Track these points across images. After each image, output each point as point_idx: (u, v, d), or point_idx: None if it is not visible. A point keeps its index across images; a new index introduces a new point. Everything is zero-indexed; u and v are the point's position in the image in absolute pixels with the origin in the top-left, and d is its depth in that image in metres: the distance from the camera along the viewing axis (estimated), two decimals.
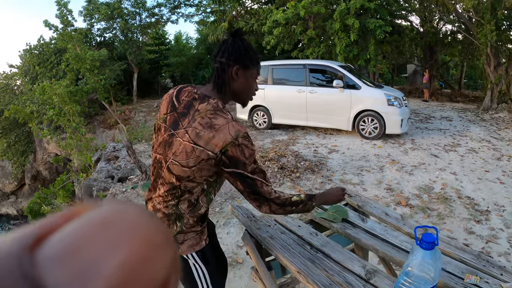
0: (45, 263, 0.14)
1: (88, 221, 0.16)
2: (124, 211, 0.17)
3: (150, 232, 0.17)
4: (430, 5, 14.37)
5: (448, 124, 8.84)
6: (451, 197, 4.50)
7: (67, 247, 0.15)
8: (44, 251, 0.15)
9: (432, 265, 1.10)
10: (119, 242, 0.16)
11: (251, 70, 1.38)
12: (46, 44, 15.68)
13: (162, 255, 0.17)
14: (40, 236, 0.15)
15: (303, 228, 1.98)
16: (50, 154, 15.62)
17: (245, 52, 1.36)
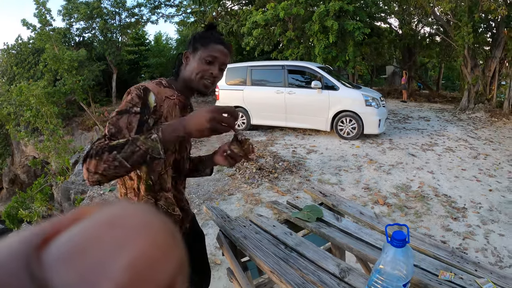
0: (52, 264, 0.14)
1: (96, 221, 0.17)
2: (131, 212, 0.18)
3: (158, 233, 0.18)
4: (409, 7, 14.61)
5: (425, 124, 9.03)
6: (428, 195, 4.58)
7: (74, 247, 0.15)
8: (51, 251, 0.15)
9: (404, 262, 1.12)
10: (126, 242, 0.16)
11: (200, 52, 1.29)
12: (24, 44, 15.37)
13: (169, 256, 0.17)
14: (47, 236, 0.16)
15: (277, 228, 2.00)
16: (28, 157, 15.27)
17: (199, 37, 1.32)
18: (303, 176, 5.34)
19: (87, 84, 13.36)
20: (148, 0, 16.61)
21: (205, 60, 1.28)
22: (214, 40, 1.30)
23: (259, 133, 8.28)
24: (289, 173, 5.43)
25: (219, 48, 1.30)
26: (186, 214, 1.51)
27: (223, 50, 1.31)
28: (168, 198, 1.34)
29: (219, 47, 1.30)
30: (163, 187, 1.32)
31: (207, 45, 1.29)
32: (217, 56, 1.29)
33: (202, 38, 1.31)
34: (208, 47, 1.28)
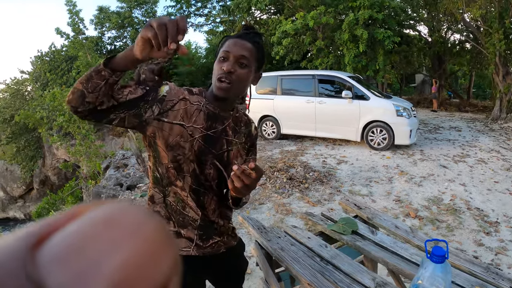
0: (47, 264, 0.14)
1: (90, 221, 0.16)
2: (126, 211, 0.18)
3: (152, 232, 0.18)
4: (438, 14, 14.39)
5: (457, 134, 8.80)
6: (460, 208, 4.47)
7: (69, 247, 0.15)
8: (46, 251, 0.15)
9: (442, 278, 1.09)
10: (120, 242, 0.16)
11: (218, 53, 1.20)
12: (57, 51, 15.92)
13: (164, 256, 0.17)
14: (42, 236, 0.16)
15: (312, 240, 1.99)
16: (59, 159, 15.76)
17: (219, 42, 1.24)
18: (334, 187, 5.30)
19: None
20: (178, 10, 16.87)
21: (218, 60, 1.18)
22: (231, 36, 1.21)
23: (289, 142, 8.28)
24: (319, 184, 5.39)
25: (232, 41, 1.18)
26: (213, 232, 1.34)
27: (237, 42, 1.17)
28: (177, 193, 1.24)
29: (234, 40, 1.18)
30: (172, 181, 1.23)
31: (224, 43, 1.20)
32: (229, 51, 1.16)
33: (222, 41, 1.23)
34: (224, 44, 1.19)
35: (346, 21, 10.06)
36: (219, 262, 1.39)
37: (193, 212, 1.26)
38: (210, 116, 1.22)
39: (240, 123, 1.34)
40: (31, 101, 15.41)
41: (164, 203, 1.25)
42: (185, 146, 1.18)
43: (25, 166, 16.33)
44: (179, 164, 1.20)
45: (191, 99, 1.20)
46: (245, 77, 1.18)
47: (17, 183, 17.87)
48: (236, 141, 1.31)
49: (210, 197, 1.29)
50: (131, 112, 1.09)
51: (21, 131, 15.90)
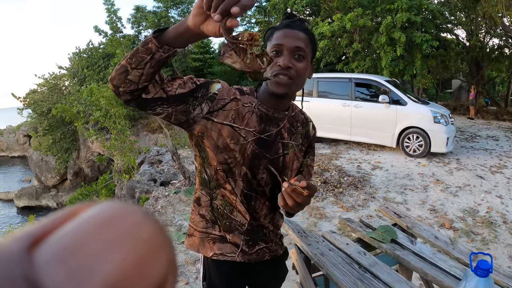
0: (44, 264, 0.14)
1: (86, 221, 0.17)
2: (122, 211, 0.18)
3: (148, 232, 0.18)
4: (477, 18, 13.94)
5: (494, 144, 8.52)
6: (496, 221, 4.34)
7: (66, 247, 0.15)
8: (43, 251, 0.15)
9: None
10: (117, 242, 0.16)
11: (267, 47, 1.10)
12: (95, 49, 16.39)
13: (160, 256, 0.18)
14: (38, 236, 0.16)
15: (351, 246, 1.99)
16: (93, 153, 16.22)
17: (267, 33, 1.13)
18: (368, 193, 5.25)
19: None
20: None
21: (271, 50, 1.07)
22: (278, 28, 1.09)
23: (323, 145, 8.25)
24: (354, 189, 5.35)
25: (282, 32, 1.06)
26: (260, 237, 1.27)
27: (288, 32, 1.06)
28: (225, 196, 1.16)
29: (283, 31, 1.06)
30: (220, 184, 1.15)
31: (272, 36, 1.08)
32: (281, 43, 1.04)
33: (268, 32, 1.11)
34: (272, 37, 1.08)
35: (383, 23, 9.89)
36: (262, 270, 1.33)
37: (241, 216, 1.19)
38: (263, 118, 1.13)
39: (296, 123, 1.23)
40: (68, 95, 15.87)
41: (210, 206, 1.19)
42: (235, 149, 1.10)
43: (60, 157, 16.86)
44: (230, 168, 1.12)
45: (242, 100, 1.12)
46: (304, 71, 1.08)
47: (52, 173, 18.49)
48: (293, 143, 1.21)
49: (262, 202, 1.21)
50: (178, 108, 1.02)
51: (58, 124, 16.40)
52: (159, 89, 0.96)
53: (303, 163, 1.29)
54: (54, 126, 16.49)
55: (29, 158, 21.43)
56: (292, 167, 1.23)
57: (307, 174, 1.34)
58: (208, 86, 1.07)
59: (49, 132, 16.49)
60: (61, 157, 16.85)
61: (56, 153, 16.79)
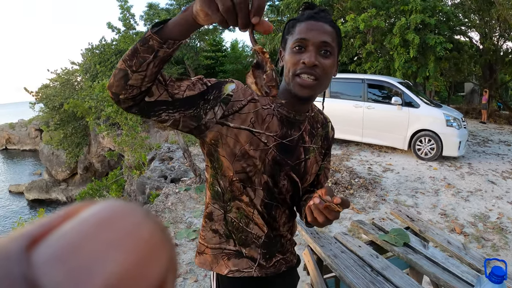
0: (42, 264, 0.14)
1: (86, 220, 0.17)
2: (122, 210, 0.18)
3: (148, 232, 0.18)
4: (491, 20, 13.77)
5: (506, 149, 8.41)
6: (507, 228, 4.29)
7: (64, 247, 0.15)
8: (41, 251, 0.15)
9: None
10: (117, 241, 0.16)
11: (288, 42, 0.97)
12: (108, 45, 16.47)
13: (160, 255, 0.18)
14: (37, 236, 0.16)
15: (363, 249, 1.99)
16: (104, 148, 16.37)
17: (287, 26, 1.01)
18: (379, 195, 5.22)
19: None
20: None
21: (293, 50, 0.95)
22: (300, 19, 0.97)
23: (334, 146, 8.16)
24: (364, 191, 5.33)
25: (306, 25, 0.94)
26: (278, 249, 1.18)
27: (313, 25, 0.94)
28: (241, 208, 1.07)
29: (307, 23, 0.94)
30: (236, 196, 1.05)
31: (294, 29, 0.96)
32: (306, 38, 0.92)
33: (289, 24, 1.00)
34: (295, 31, 0.96)
35: (397, 25, 9.84)
36: (278, 282, 1.23)
37: (257, 229, 1.09)
38: (284, 122, 1.04)
39: (316, 124, 1.14)
40: (80, 91, 15.99)
41: (224, 220, 1.09)
42: (255, 156, 1.00)
43: (71, 152, 17.00)
44: (248, 177, 1.02)
45: (261, 101, 1.02)
46: (330, 69, 0.96)
47: (62, 167, 18.71)
48: (314, 146, 1.12)
49: (282, 210, 1.13)
50: (187, 113, 0.91)
51: (69, 118, 16.56)
52: (163, 90, 0.88)
53: (321, 166, 1.20)
54: (66, 121, 16.65)
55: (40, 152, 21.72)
56: (312, 172, 1.14)
57: (324, 177, 1.25)
58: (221, 87, 0.97)
59: (61, 126, 16.65)
60: (71, 151, 17.00)
61: (67, 147, 16.93)
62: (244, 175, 1.01)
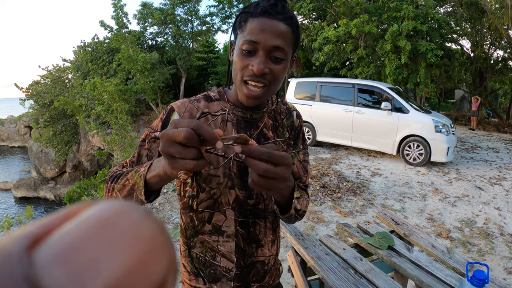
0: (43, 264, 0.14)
1: (87, 220, 0.17)
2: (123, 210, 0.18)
3: (149, 231, 0.18)
4: (482, 29, 13.97)
5: (494, 155, 8.51)
6: (493, 233, 4.34)
7: (66, 247, 0.15)
8: (42, 251, 0.15)
9: None
10: (118, 241, 0.16)
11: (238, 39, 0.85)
12: (100, 43, 16.37)
13: (161, 255, 0.18)
14: (38, 236, 0.16)
15: (347, 252, 2.00)
16: (93, 147, 16.24)
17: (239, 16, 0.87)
18: (367, 199, 5.24)
19: (157, 86, 14.02)
20: (220, 10, 17.11)
21: (242, 52, 0.82)
22: (254, 13, 0.81)
23: (323, 150, 8.25)
24: (352, 194, 5.35)
25: (260, 23, 0.80)
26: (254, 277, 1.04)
27: (269, 24, 0.80)
28: (204, 241, 0.96)
29: (260, 21, 0.80)
30: (198, 230, 0.96)
31: (245, 25, 0.82)
32: (256, 40, 0.79)
33: (241, 17, 0.85)
34: (246, 27, 0.81)
35: (389, 31, 9.92)
36: None
37: (226, 261, 0.98)
38: (241, 124, 0.95)
39: (280, 116, 1.05)
40: (71, 88, 15.90)
41: (189, 257, 1.00)
42: (218, 174, 0.90)
43: (60, 150, 16.88)
44: (215, 200, 0.92)
45: (211, 109, 0.93)
46: (282, 75, 0.85)
47: (51, 165, 18.51)
48: (279, 140, 1.02)
49: (263, 225, 1.00)
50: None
51: (59, 116, 16.43)
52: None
53: (292, 155, 1.07)
54: (56, 118, 16.52)
55: (29, 149, 21.47)
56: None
57: (303, 170, 1.11)
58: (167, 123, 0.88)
59: (50, 124, 16.52)
60: (61, 149, 16.87)
61: (56, 145, 16.80)
62: (211, 201, 0.92)
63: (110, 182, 0.84)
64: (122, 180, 0.79)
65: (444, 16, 12.33)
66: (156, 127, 0.91)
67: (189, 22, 17.30)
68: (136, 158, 0.91)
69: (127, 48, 12.32)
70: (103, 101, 10.66)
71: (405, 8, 9.95)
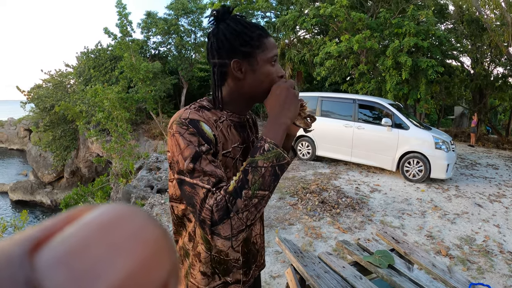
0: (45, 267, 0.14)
1: (89, 223, 0.17)
2: (125, 214, 0.18)
3: (151, 235, 0.18)
4: (483, 46, 14.10)
5: (494, 172, 8.53)
6: (493, 251, 4.31)
7: (68, 251, 0.15)
8: (44, 255, 0.15)
9: None
10: (120, 245, 0.16)
11: (259, 55, 0.99)
12: (103, 50, 16.46)
13: (163, 259, 0.18)
14: (40, 239, 0.16)
15: (347, 270, 1.99)
16: (92, 153, 16.25)
17: (243, 37, 0.98)
18: (366, 215, 5.22)
19: (158, 95, 14.05)
20: None
21: (271, 64, 1.01)
22: (262, 35, 1.00)
23: (322, 164, 8.24)
24: (351, 210, 5.33)
25: (271, 42, 1.01)
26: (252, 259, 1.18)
27: (273, 41, 1.02)
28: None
29: (270, 40, 1.01)
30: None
31: (261, 44, 0.99)
32: (276, 54, 1.03)
33: (248, 37, 0.98)
34: (264, 45, 0.99)
35: (390, 47, 9.98)
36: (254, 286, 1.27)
37: (234, 253, 1.09)
38: (238, 128, 1.06)
39: (249, 117, 1.19)
40: (72, 94, 15.95)
41: (210, 261, 1.06)
42: (233, 176, 0.96)
43: (59, 154, 16.90)
44: None
45: (218, 117, 1.02)
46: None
47: (48, 169, 18.52)
48: (253, 137, 1.16)
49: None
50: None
51: (59, 121, 16.49)
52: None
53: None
54: (56, 123, 16.58)
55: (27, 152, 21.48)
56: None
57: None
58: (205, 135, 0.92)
59: (50, 128, 16.56)
60: (59, 154, 16.88)
61: (55, 150, 16.83)
62: None
63: (239, 198, 0.82)
64: (255, 175, 0.83)
65: (445, 32, 12.45)
66: (196, 142, 0.90)
67: (192, 33, 17.47)
68: (215, 177, 0.87)
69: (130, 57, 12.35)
70: (104, 108, 10.67)
71: (406, 24, 10.03)
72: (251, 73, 0.99)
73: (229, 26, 0.98)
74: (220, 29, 0.98)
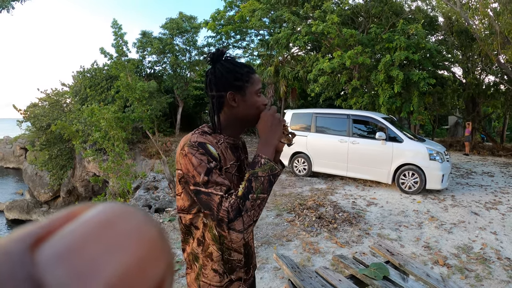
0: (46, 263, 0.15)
1: (88, 221, 0.17)
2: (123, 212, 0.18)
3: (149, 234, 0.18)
4: (473, 56, 14.32)
5: (489, 180, 8.61)
6: (490, 258, 4.34)
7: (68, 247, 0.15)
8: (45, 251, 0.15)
9: None
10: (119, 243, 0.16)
11: (248, 88, 1.22)
12: (99, 69, 16.50)
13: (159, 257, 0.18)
14: (41, 236, 0.16)
15: (343, 283, 2.04)
16: (88, 173, 16.15)
17: (235, 75, 1.21)
18: (363, 229, 5.25)
19: (154, 114, 14.05)
20: (217, 41, 17.39)
21: (258, 95, 1.24)
22: (250, 72, 1.24)
23: (319, 180, 8.30)
24: (348, 225, 5.36)
25: (257, 78, 1.26)
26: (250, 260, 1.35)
27: (259, 78, 1.28)
28: (225, 243, 1.23)
29: (257, 76, 1.26)
30: (226, 236, 1.22)
31: (249, 79, 1.22)
32: (261, 86, 1.27)
33: (240, 74, 1.21)
34: (252, 80, 1.23)
35: (382, 61, 10.13)
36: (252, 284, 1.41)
37: (237, 254, 1.26)
38: (233, 148, 1.28)
39: (240, 140, 1.38)
40: (68, 113, 15.91)
41: (222, 260, 1.23)
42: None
43: (55, 174, 16.76)
44: None
45: (217, 140, 1.21)
46: None
47: (45, 189, 18.38)
48: (243, 157, 1.36)
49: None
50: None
51: (56, 140, 16.40)
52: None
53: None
54: (52, 142, 16.48)
55: (23, 171, 21.34)
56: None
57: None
58: (212, 155, 1.13)
59: (46, 147, 16.47)
60: (56, 173, 16.75)
61: (51, 169, 16.69)
62: None
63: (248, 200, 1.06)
64: (257, 183, 1.08)
65: (435, 44, 12.65)
66: (206, 160, 1.10)
67: (187, 52, 17.62)
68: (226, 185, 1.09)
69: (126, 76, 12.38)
70: (101, 128, 10.65)
71: (397, 39, 10.21)
72: (242, 102, 1.21)
73: (224, 66, 1.21)
74: (217, 68, 1.21)
